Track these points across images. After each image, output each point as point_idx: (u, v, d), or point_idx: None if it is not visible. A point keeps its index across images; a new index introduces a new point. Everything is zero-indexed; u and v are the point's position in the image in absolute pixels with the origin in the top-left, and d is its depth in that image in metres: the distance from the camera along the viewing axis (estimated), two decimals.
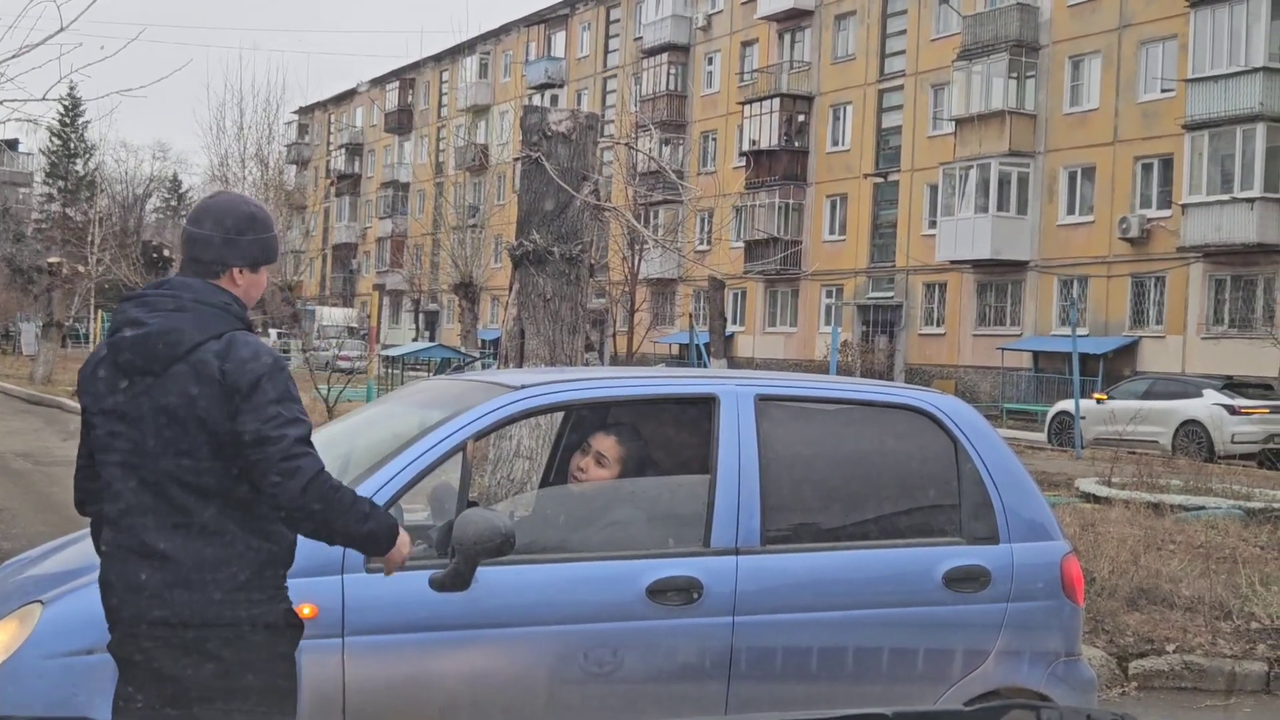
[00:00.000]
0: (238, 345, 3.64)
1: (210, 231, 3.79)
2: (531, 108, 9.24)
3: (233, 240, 3.78)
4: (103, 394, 3.70)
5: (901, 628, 5.12)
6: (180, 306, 3.68)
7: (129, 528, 3.63)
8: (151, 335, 3.63)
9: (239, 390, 3.57)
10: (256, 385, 3.59)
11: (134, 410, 3.63)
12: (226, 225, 3.79)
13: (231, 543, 3.61)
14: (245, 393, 3.57)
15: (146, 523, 3.60)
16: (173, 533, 3.58)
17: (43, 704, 4.13)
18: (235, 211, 3.84)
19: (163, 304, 3.69)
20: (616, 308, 42.05)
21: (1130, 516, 12.35)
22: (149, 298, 3.75)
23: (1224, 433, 25.92)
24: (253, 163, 37.95)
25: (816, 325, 49.28)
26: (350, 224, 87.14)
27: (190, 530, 3.59)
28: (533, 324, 8.92)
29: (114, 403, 3.67)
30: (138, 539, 3.60)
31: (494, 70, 72.96)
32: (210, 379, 3.58)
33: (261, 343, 3.73)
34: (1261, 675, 8.28)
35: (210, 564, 3.58)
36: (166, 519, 3.59)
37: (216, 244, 3.77)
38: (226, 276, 3.78)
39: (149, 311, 3.68)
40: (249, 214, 3.86)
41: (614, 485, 5.32)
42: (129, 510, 3.63)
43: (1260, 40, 34.02)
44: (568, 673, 4.68)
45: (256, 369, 3.60)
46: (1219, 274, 35.91)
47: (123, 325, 3.70)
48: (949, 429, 5.35)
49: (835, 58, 49.77)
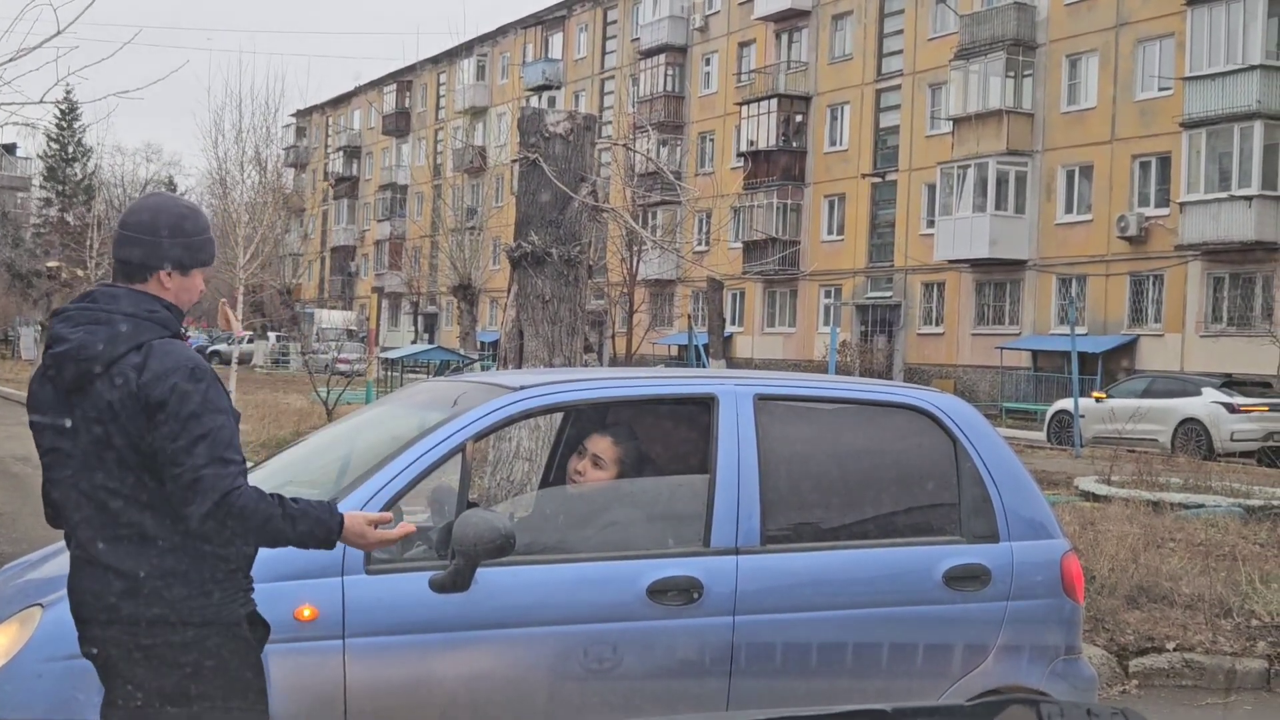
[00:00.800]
0: (154, 356, 3.52)
1: (134, 233, 3.66)
2: (529, 109, 9.25)
3: (156, 241, 3.63)
4: (43, 409, 3.64)
5: (902, 626, 5.12)
6: (96, 319, 3.57)
7: (79, 540, 3.60)
8: (69, 354, 3.54)
9: (153, 405, 3.47)
10: (168, 400, 3.47)
11: (71, 429, 3.57)
12: (149, 224, 3.66)
13: (176, 550, 3.53)
14: (158, 407, 3.46)
15: (91, 534, 3.56)
16: (116, 544, 3.52)
17: (43, 707, 4.14)
18: (162, 211, 3.71)
19: (82, 318, 3.59)
20: (615, 309, 42.06)
21: (1130, 514, 12.35)
22: (71, 312, 3.64)
23: (1223, 430, 25.94)
24: (251, 166, 37.95)
25: (815, 325, 49.29)
26: (348, 226, 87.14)
27: (132, 540, 3.52)
28: (531, 325, 8.92)
29: (51, 418, 3.61)
30: (86, 550, 3.57)
31: (491, 72, 72.98)
32: (129, 393, 3.48)
33: (182, 351, 3.59)
34: (1262, 672, 8.29)
35: (157, 572, 3.51)
36: (109, 530, 3.53)
37: (138, 245, 3.64)
38: (154, 280, 3.64)
39: (71, 327, 3.58)
40: (177, 213, 3.72)
41: (613, 486, 5.32)
42: (77, 523, 3.60)
43: (1257, 38, 34.04)
44: (568, 673, 4.68)
45: (170, 382, 3.48)
46: (1217, 272, 35.92)
47: (52, 341, 3.63)
48: (948, 428, 5.36)
49: (833, 58, 49.79)
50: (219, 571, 3.58)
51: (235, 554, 3.63)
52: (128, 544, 3.52)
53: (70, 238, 50.60)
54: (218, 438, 3.48)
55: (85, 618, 3.60)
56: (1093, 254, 39.15)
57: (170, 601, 3.51)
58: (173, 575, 3.52)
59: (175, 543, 3.52)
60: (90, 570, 3.57)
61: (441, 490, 5.16)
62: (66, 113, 75.38)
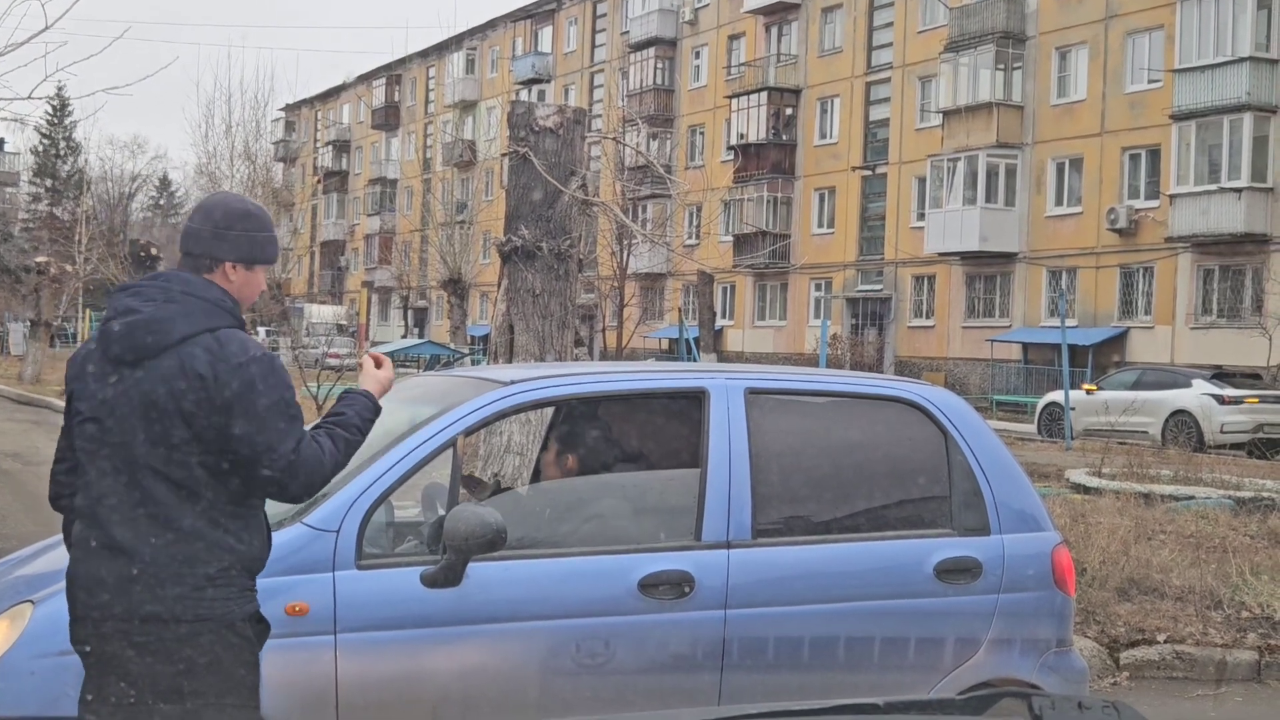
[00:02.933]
0: (229, 343, 3.62)
1: (199, 225, 3.78)
2: (519, 103, 9.23)
3: (221, 234, 3.75)
4: (91, 384, 3.67)
5: (893, 619, 5.13)
6: (170, 298, 3.66)
7: (99, 521, 3.60)
8: (139, 324, 3.61)
9: (231, 392, 3.56)
10: (250, 388, 3.58)
11: (120, 401, 3.60)
12: (216, 219, 3.77)
13: (199, 540, 3.58)
14: (238, 395, 3.56)
15: (116, 516, 3.58)
16: (141, 526, 3.56)
17: (34, 703, 4.13)
18: (227, 207, 3.83)
19: (153, 294, 3.67)
20: (606, 303, 42.06)
21: (1121, 507, 12.36)
22: (141, 288, 3.73)
23: (1213, 422, 25.98)
24: (241, 160, 37.89)
25: (806, 318, 49.30)
26: (338, 221, 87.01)
27: (158, 524, 3.56)
28: (522, 319, 8.92)
29: (101, 393, 3.64)
30: (106, 532, 3.58)
31: (481, 66, 72.89)
32: (197, 374, 3.56)
33: (252, 340, 3.70)
34: (1252, 664, 8.32)
35: (174, 560, 3.55)
36: (138, 512, 3.57)
37: (206, 237, 3.76)
38: (219, 272, 3.75)
39: (141, 301, 3.66)
40: (243, 210, 3.84)
41: (604, 480, 5.33)
42: (101, 502, 3.61)
43: (1246, 30, 34.08)
44: (560, 668, 4.68)
45: (250, 370, 3.59)
46: (1207, 264, 35.98)
47: (114, 315, 3.68)
48: (939, 421, 5.36)
49: (822, 51, 49.78)
50: (232, 568, 3.62)
51: (252, 555, 3.69)
52: (152, 526, 3.56)
53: (59, 233, 50.45)
54: (297, 419, 3.67)
55: (87, 605, 3.59)
56: (1083, 246, 39.20)
57: (180, 589, 3.54)
58: (189, 563, 3.56)
59: (201, 532, 3.59)
60: (100, 555, 3.58)
61: (432, 485, 5.16)
62: (58, 109, 75.26)
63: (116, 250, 33.70)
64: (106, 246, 37.11)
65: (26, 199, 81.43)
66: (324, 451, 3.67)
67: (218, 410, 3.56)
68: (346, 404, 3.88)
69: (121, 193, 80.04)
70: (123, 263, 31.08)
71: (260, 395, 3.59)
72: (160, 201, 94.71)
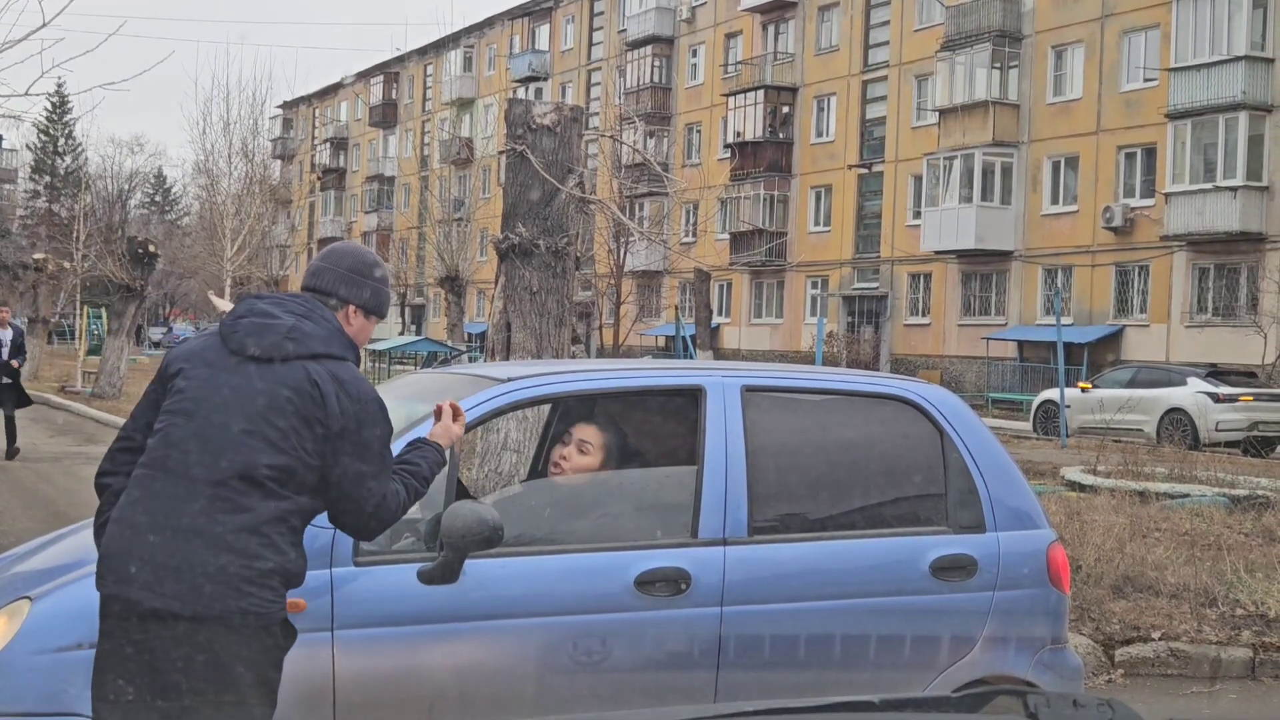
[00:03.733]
0: (356, 379, 3.84)
1: (333, 265, 4.03)
2: (516, 101, 9.24)
3: (355, 280, 4.03)
4: (202, 367, 3.80)
5: (889, 617, 5.13)
6: (310, 316, 3.86)
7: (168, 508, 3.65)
8: (281, 327, 3.78)
9: (348, 421, 3.75)
10: (366, 424, 3.80)
11: (235, 389, 3.72)
12: (350, 265, 4.04)
13: (257, 538, 3.67)
14: (355, 427, 3.77)
15: (191, 506, 3.63)
16: (211, 512, 3.63)
17: (33, 699, 4.13)
18: (363, 257, 4.13)
19: (295, 308, 3.88)
20: (603, 300, 42.06)
21: (1116, 505, 12.38)
22: (283, 300, 3.93)
23: (1208, 420, 26.00)
24: (238, 157, 37.88)
25: (802, 316, 49.33)
26: (336, 218, 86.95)
27: (226, 513, 3.64)
28: (519, 317, 8.93)
29: (214, 377, 3.76)
30: (193, 521, 3.62)
31: (478, 63, 72.86)
32: (320, 392, 3.73)
33: (370, 384, 3.93)
34: (1246, 661, 8.33)
35: (231, 550, 3.62)
36: (213, 497, 3.64)
37: (345, 281, 4.00)
38: (343, 313, 3.99)
39: (282, 310, 3.86)
40: (376, 263, 4.14)
41: (601, 477, 5.34)
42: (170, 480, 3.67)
43: (1242, 29, 34.12)
44: (556, 664, 4.69)
45: (370, 409, 3.82)
46: (1202, 262, 36.01)
47: (248, 314, 3.85)
48: (934, 418, 5.37)
49: (819, 49, 49.80)
50: (279, 574, 3.72)
51: (298, 567, 3.80)
52: (219, 510, 3.64)
53: (57, 230, 50.35)
54: (389, 466, 3.93)
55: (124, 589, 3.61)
56: (1078, 245, 39.23)
57: (224, 583, 3.61)
58: (250, 560, 3.64)
59: (255, 526, 3.67)
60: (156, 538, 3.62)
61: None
62: (56, 105, 75.15)
63: (114, 247, 33.63)
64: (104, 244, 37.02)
65: (25, 196, 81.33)
66: (399, 498, 3.93)
67: (329, 434, 3.73)
68: (420, 455, 4.14)
69: (120, 189, 79.89)
70: (120, 260, 31.03)
71: (373, 434, 3.82)
72: (156, 198, 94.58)
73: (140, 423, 3.90)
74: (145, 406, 3.91)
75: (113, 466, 3.91)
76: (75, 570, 4.34)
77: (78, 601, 4.01)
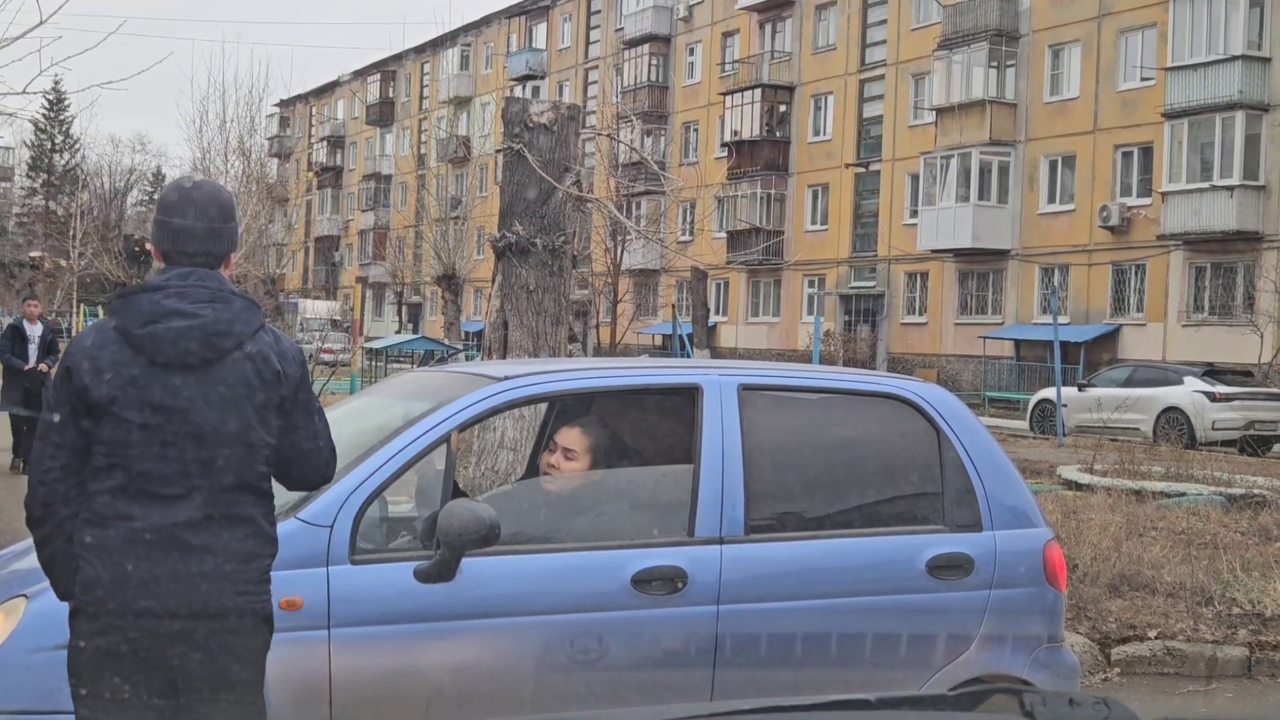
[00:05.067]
0: (283, 339, 3.78)
1: (219, 220, 3.75)
2: (513, 99, 9.25)
3: (233, 227, 3.80)
4: (140, 389, 3.58)
5: (885, 615, 5.14)
6: (216, 298, 3.66)
7: (158, 522, 3.57)
8: (203, 328, 3.60)
9: (295, 386, 3.71)
10: (305, 381, 3.77)
11: (193, 404, 3.58)
12: (214, 214, 3.75)
13: (259, 536, 3.67)
14: (300, 388, 3.72)
15: (181, 515, 3.57)
16: (208, 524, 3.58)
17: (29, 697, 4.13)
18: (220, 200, 3.81)
19: (199, 295, 3.64)
20: (600, 299, 42.08)
21: (1112, 503, 12.38)
22: (183, 289, 3.65)
23: (1205, 419, 26.00)
24: (235, 156, 37.85)
25: (799, 315, 49.32)
26: (332, 216, 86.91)
27: (229, 522, 3.61)
28: (516, 315, 8.93)
29: (160, 397, 3.58)
30: (169, 533, 3.56)
31: (475, 62, 72.82)
32: (274, 372, 3.66)
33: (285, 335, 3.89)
34: (1242, 660, 8.34)
35: (240, 556, 3.61)
36: (205, 510, 3.59)
37: (225, 232, 3.76)
38: (224, 265, 3.78)
39: (188, 303, 3.62)
40: (230, 200, 3.89)
41: (598, 476, 5.34)
42: (160, 502, 3.58)
43: (1239, 28, 34.13)
44: (553, 662, 4.69)
45: (303, 365, 3.78)
46: (1199, 262, 36.03)
47: (156, 318, 3.60)
48: (931, 417, 5.37)
49: (816, 48, 49.79)
50: (271, 560, 3.72)
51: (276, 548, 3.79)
52: (220, 524, 3.60)
53: (54, 228, 50.34)
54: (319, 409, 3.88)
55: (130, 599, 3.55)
56: (1075, 244, 39.24)
57: (244, 585, 3.61)
58: (252, 558, 3.64)
59: (258, 526, 3.67)
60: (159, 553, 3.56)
61: (426, 481, 5.16)
62: (54, 103, 75.07)
63: (111, 245, 33.68)
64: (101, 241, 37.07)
65: (21, 193, 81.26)
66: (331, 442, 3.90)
67: (283, 404, 3.69)
68: None
69: (116, 187, 79.90)
70: (117, 258, 31.06)
71: (309, 389, 3.79)
72: (154, 196, 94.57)
73: (70, 447, 3.62)
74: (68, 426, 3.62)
75: (64, 494, 3.66)
76: None
77: None
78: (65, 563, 3.67)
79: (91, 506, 3.63)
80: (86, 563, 3.60)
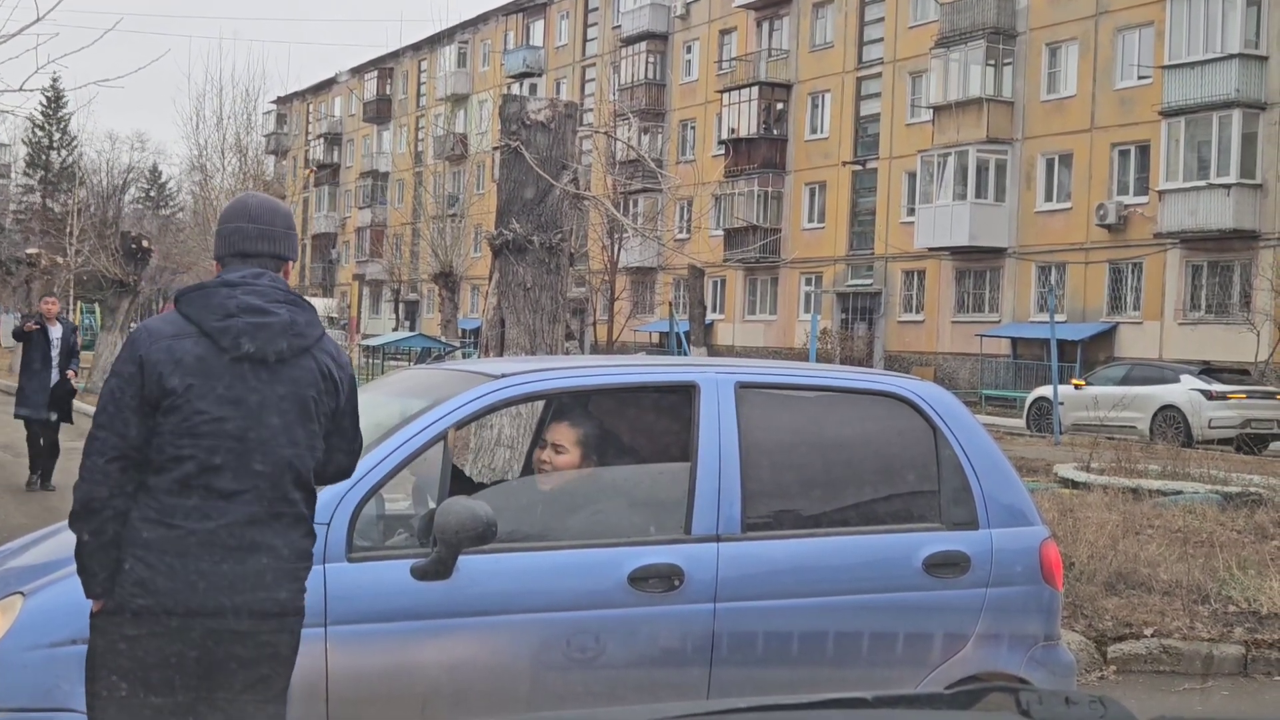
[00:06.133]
0: (340, 350, 3.92)
1: (285, 228, 3.93)
2: (510, 97, 9.25)
3: (292, 236, 3.95)
4: (216, 381, 3.62)
5: (882, 613, 5.14)
6: (290, 300, 3.79)
7: (219, 519, 3.60)
8: (283, 324, 3.70)
9: (346, 389, 3.86)
10: (353, 392, 3.94)
11: (265, 400, 3.67)
12: (285, 222, 3.96)
13: (310, 533, 3.80)
14: (349, 393, 3.88)
15: (243, 512, 3.62)
16: (274, 522, 3.67)
17: (26, 695, 4.13)
18: (277, 208, 3.99)
19: (275, 295, 3.76)
20: (597, 296, 42.07)
21: (1109, 502, 12.38)
22: (258, 288, 3.74)
23: (1201, 418, 26.00)
24: (232, 153, 37.83)
25: (796, 313, 49.31)
26: (329, 214, 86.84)
27: (285, 519, 3.70)
28: (513, 313, 8.93)
29: (235, 390, 3.64)
30: (231, 530, 3.60)
31: (473, 59, 72.78)
32: (332, 375, 3.79)
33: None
34: (1238, 658, 8.34)
35: (300, 553, 3.75)
36: (266, 507, 3.65)
37: (289, 240, 3.93)
38: (284, 272, 3.92)
39: (266, 301, 3.72)
40: (289, 210, 4.10)
41: (594, 473, 5.34)
42: (222, 498, 3.61)
43: (1236, 27, 34.14)
44: (550, 660, 4.69)
45: (352, 378, 3.95)
46: (1196, 260, 36.05)
47: (235, 313, 3.66)
48: (928, 415, 5.38)
49: (814, 46, 49.77)
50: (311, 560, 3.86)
51: None
52: (282, 522, 3.69)
53: (51, 225, 50.23)
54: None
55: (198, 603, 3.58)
56: (1072, 242, 39.25)
57: (294, 587, 3.72)
58: (307, 555, 3.80)
59: (309, 525, 3.81)
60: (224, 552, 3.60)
61: (423, 478, 5.16)
62: (51, 100, 74.98)
63: (108, 243, 33.61)
64: (98, 239, 36.98)
65: (18, 190, 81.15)
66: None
67: (337, 410, 3.84)
68: None
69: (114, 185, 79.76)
70: (114, 255, 31.00)
71: (355, 398, 3.96)
72: (151, 194, 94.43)
73: (135, 439, 3.61)
74: (133, 417, 3.61)
75: (115, 487, 3.61)
76: (68, 566, 4.32)
77: (71, 597, 4.00)
78: (109, 560, 3.64)
79: (150, 502, 3.63)
80: (141, 562, 3.60)
